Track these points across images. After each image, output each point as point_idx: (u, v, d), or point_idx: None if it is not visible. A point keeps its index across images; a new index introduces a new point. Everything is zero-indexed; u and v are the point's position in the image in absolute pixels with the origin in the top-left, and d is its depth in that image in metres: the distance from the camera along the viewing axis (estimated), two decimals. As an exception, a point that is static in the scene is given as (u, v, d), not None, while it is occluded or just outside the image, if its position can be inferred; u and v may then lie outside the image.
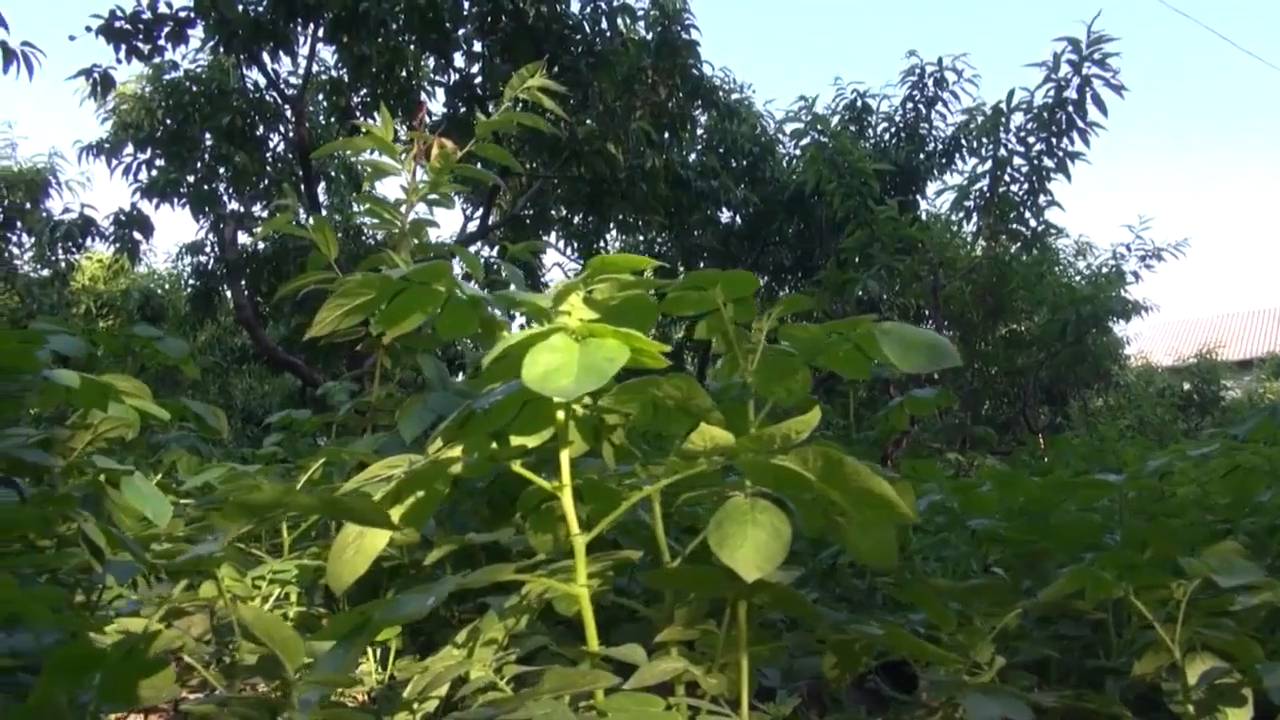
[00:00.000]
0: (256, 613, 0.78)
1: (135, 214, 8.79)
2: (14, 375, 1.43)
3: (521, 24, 6.36)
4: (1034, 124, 6.37)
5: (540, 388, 0.81)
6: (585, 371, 0.81)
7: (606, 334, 0.85)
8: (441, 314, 1.03)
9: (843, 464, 0.94)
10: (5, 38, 5.37)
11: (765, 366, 1.26)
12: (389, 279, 0.97)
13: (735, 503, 1.02)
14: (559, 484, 1.02)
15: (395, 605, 0.82)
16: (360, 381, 3.35)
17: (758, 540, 0.99)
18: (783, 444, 0.93)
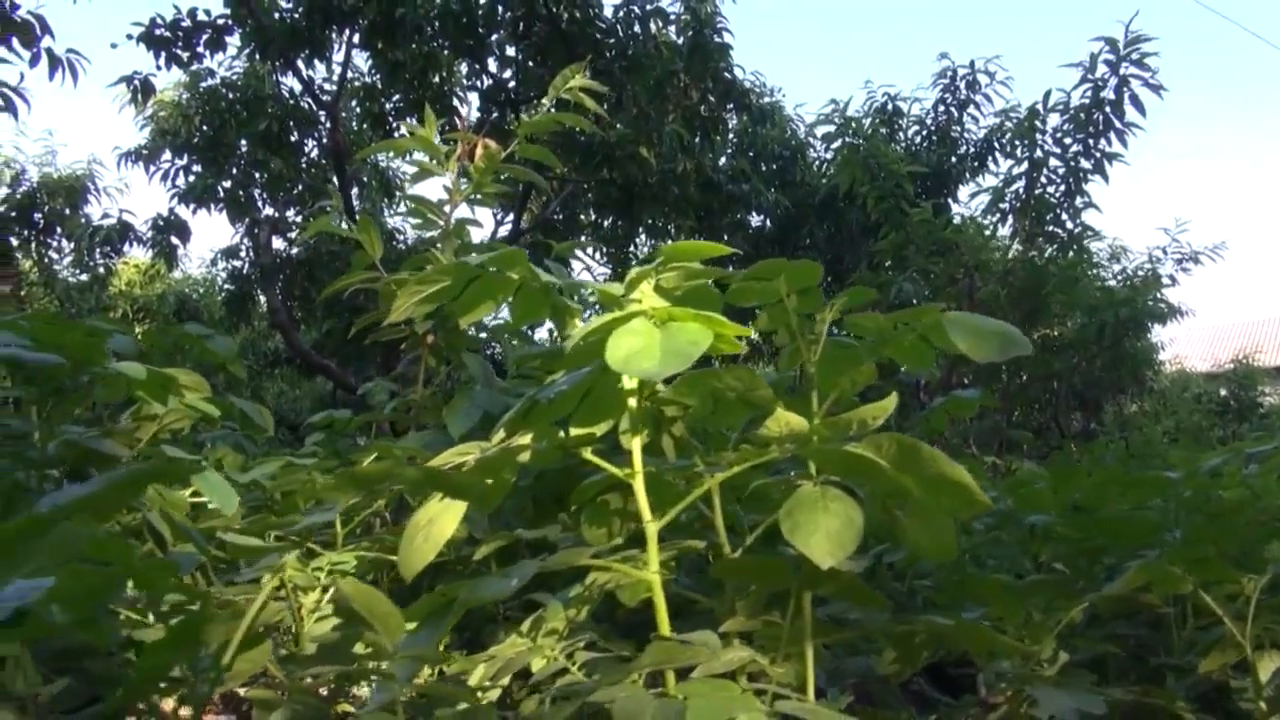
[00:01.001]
0: (356, 586, 0.79)
1: (173, 219, 8.92)
2: (83, 368, 1.46)
3: (555, 28, 6.39)
4: (1070, 125, 6.31)
5: (625, 369, 0.81)
6: (668, 355, 0.82)
7: (687, 318, 0.85)
8: (514, 301, 1.04)
9: (919, 450, 0.94)
10: (51, 45, 5.47)
11: (828, 358, 1.26)
12: (466, 265, 0.98)
13: (806, 491, 1.01)
14: (630, 471, 1.03)
15: (479, 586, 0.83)
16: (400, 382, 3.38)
17: (830, 528, 0.99)
18: (859, 430, 0.93)
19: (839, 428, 0.94)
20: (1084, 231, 6.73)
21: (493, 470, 1.08)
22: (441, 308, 2.86)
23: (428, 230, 2.81)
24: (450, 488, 0.85)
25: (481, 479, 0.90)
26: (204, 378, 1.78)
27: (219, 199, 8.91)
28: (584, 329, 0.87)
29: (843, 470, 1.05)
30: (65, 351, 1.43)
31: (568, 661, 0.97)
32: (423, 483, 0.87)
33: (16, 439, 1.55)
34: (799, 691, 1.17)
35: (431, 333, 2.64)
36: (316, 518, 0.97)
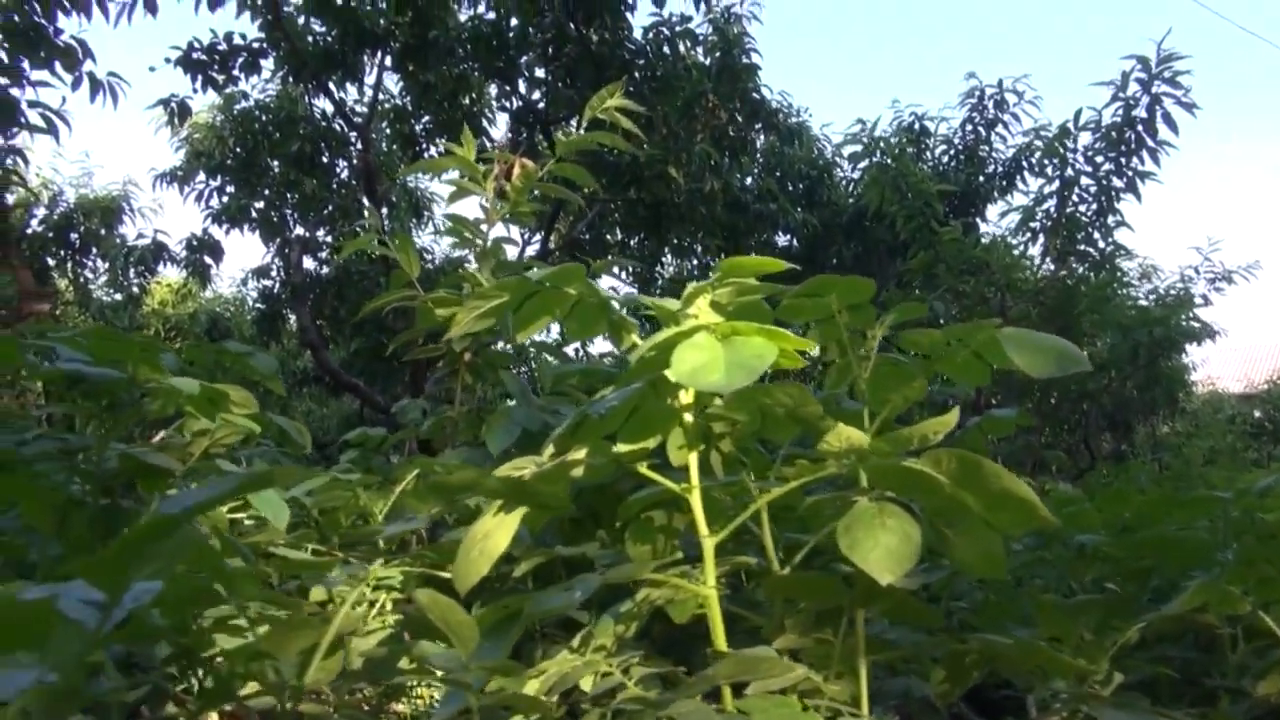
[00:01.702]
0: (433, 596, 0.79)
1: (206, 239, 9.05)
2: (139, 382, 1.48)
3: (585, 49, 6.45)
4: (1102, 143, 6.27)
5: (691, 382, 0.82)
6: (733, 368, 0.82)
7: (751, 332, 0.86)
8: (570, 316, 1.05)
9: (981, 466, 0.93)
10: (92, 68, 5.59)
11: (879, 374, 1.26)
12: (525, 281, 0.99)
13: (862, 507, 1.01)
14: (687, 486, 1.03)
15: (543, 599, 0.83)
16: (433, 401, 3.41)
17: (888, 544, 0.99)
18: (919, 444, 0.93)
19: (899, 442, 0.94)
20: (1116, 250, 6.68)
21: (549, 484, 1.09)
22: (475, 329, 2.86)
23: (464, 248, 2.84)
24: (531, 498, 0.86)
25: (556, 491, 0.90)
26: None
27: (252, 219, 9.03)
28: (648, 343, 0.88)
29: (899, 486, 1.05)
30: (122, 367, 1.46)
31: (624, 677, 0.97)
32: (504, 493, 0.87)
33: (70, 454, 1.57)
34: (853, 709, 1.16)
35: (469, 351, 2.66)
36: (398, 528, 0.98)
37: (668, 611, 1.30)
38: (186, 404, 1.62)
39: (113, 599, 0.36)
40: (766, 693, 0.96)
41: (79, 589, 0.36)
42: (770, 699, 0.92)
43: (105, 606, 0.36)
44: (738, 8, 7.88)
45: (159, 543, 0.37)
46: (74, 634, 0.34)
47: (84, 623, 0.35)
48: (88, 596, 0.36)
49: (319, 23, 7.54)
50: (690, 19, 7.02)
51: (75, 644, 0.34)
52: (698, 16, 7.13)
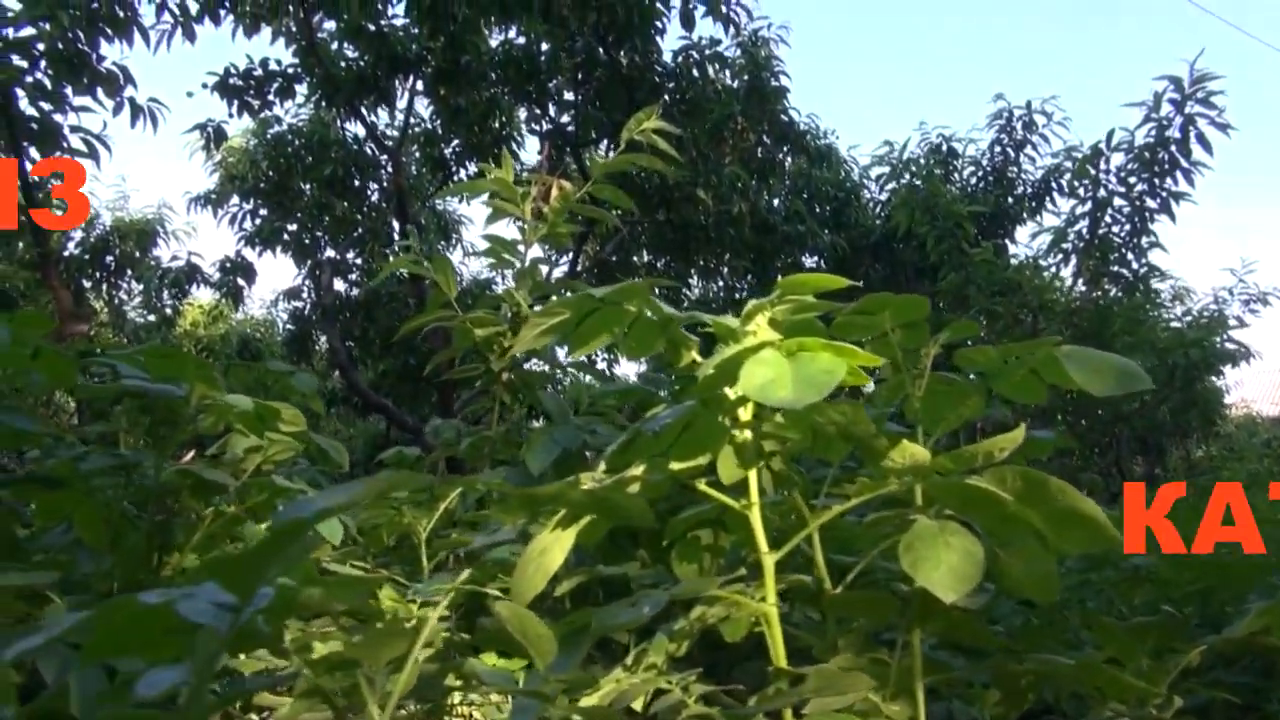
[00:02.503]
0: (512, 608, 0.80)
1: (240, 261, 9.18)
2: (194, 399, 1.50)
3: (615, 73, 6.51)
4: (1135, 164, 6.24)
5: (760, 398, 0.82)
6: (801, 384, 0.82)
7: (818, 348, 0.86)
8: (628, 333, 1.06)
9: (1047, 483, 0.93)
10: (133, 94, 5.71)
11: (932, 393, 1.25)
12: (588, 298, 1.00)
13: (924, 524, 1.01)
14: (747, 503, 1.03)
15: (612, 613, 0.83)
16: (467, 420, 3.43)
17: (951, 563, 0.98)
18: (984, 461, 0.93)
19: (962, 460, 0.94)
20: (1150, 272, 6.62)
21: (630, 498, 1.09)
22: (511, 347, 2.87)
23: (501, 269, 2.86)
24: (614, 511, 0.87)
25: (638, 504, 0.91)
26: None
27: (284, 242, 9.15)
28: (715, 358, 0.88)
29: (959, 503, 1.04)
30: (177, 384, 1.48)
31: (684, 695, 0.97)
32: (591, 507, 0.88)
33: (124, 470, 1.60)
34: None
35: (506, 370, 2.68)
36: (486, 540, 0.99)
37: (720, 630, 1.30)
38: (236, 421, 1.64)
39: (243, 601, 0.37)
40: (829, 712, 0.95)
41: (210, 592, 0.37)
42: (835, 717, 0.92)
43: (236, 610, 0.37)
44: (765, 31, 7.95)
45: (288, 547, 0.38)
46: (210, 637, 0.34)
47: (217, 626, 0.36)
48: (218, 599, 0.37)
49: (352, 48, 7.67)
50: (719, 42, 7.08)
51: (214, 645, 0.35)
52: (726, 39, 7.19)
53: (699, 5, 6.46)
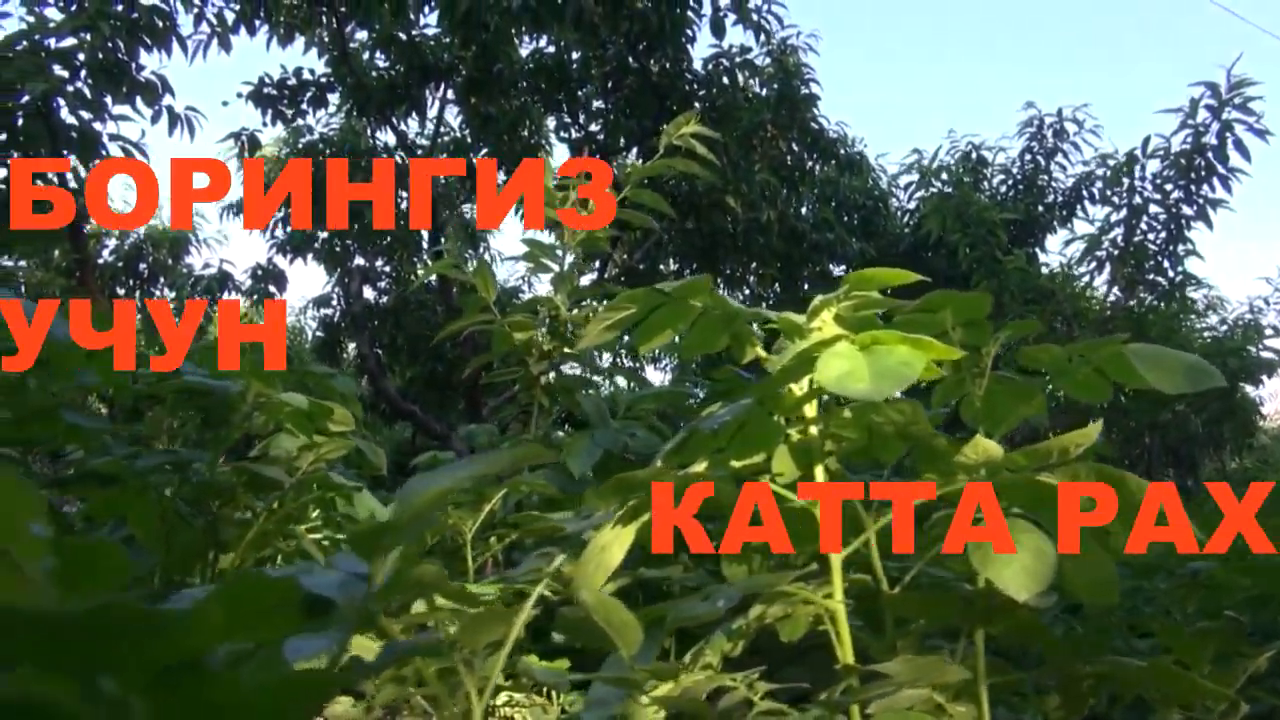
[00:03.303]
0: (598, 597, 0.80)
1: (271, 268, 9.27)
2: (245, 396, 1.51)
3: (646, 80, 6.53)
4: (1171, 170, 6.17)
5: (838, 390, 0.82)
6: (878, 376, 0.82)
7: (893, 341, 0.85)
8: (692, 329, 1.05)
9: (1124, 480, 0.91)
10: (171, 102, 5.79)
11: (993, 392, 1.24)
12: (654, 292, 1.00)
13: (993, 522, 1.00)
14: (814, 500, 1.02)
15: (687, 606, 0.83)
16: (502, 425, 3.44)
17: (1023, 561, 0.97)
18: (1059, 458, 0.92)
19: (1037, 456, 0.93)
20: (1186, 280, 6.54)
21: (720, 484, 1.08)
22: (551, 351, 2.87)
23: (539, 273, 2.87)
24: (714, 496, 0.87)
25: (726, 489, 0.91)
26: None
27: (316, 249, 9.23)
28: (792, 351, 0.88)
29: (1028, 501, 1.03)
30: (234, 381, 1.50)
31: (749, 692, 0.96)
32: (679, 489, 0.88)
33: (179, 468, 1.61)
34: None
35: (544, 374, 2.68)
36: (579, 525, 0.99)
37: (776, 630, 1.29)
38: (287, 420, 1.65)
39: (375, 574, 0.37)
40: (900, 710, 0.94)
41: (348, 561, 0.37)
42: (907, 715, 0.91)
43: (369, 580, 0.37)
44: (794, 39, 7.94)
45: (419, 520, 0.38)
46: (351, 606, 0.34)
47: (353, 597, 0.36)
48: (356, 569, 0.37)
49: (384, 58, 7.74)
50: (750, 49, 7.07)
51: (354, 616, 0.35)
52: (756, 48, 7.19)
53: (729, 13, 6.47)
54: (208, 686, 0.27)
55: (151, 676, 0.26)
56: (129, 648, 0.26)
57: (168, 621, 0.26)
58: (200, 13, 6.10)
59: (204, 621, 0.28)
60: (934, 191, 7.50)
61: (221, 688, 0.27)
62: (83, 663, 0.25)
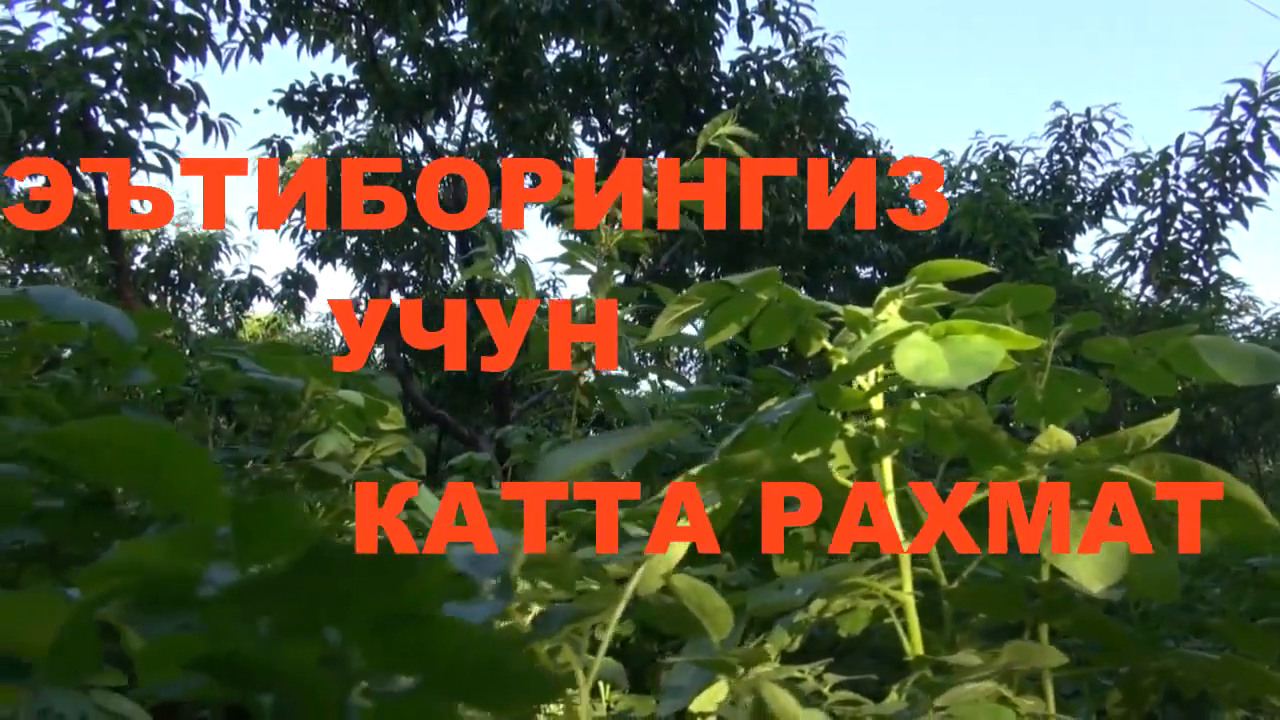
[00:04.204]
0: (689, 582, 0.80)
1: (301, 274, 9.35)
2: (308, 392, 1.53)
3: (674, 83, 6.54)
4: (1206, 169, 6.10)
5: (917, 378, 0.82)
6: (957, 365, 0.82)
7: (970, 331, 0.85)
8: (758, 321, 1.06)
9: (1200, 470, 0.91)
10: (205, 110, 5.86)
11: (1054, 385, 1.24)
12: (723, 285, 1.01)
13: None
14: (881, 493, 1.02)
15: (763, 594, 0.83)
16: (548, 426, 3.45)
17: (1094, 553, 0.97)
18: (1134, 448, 0.91)
19: (1111, 447, 0.92)
20: (1221, 280, 6.46)
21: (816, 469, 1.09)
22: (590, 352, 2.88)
23: (576, 274, 2.89)
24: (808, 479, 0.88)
25: (824, 474, 0.91)
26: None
27: (345, 254, 9.31)
28: (868, 341, 0.88)
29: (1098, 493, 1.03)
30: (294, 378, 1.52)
31: (819, 684, 0.96)
32: (781, 477, 0.89)
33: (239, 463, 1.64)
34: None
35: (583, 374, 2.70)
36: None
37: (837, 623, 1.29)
38: (338, 418, 1.67)
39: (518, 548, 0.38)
40: (972, 702, 0.94)
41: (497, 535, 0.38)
42: (984, 706, 0.91)
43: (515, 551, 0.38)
44: (819, 41, 7.93)
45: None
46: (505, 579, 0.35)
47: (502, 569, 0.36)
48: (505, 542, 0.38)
49: (411, 64, 7.80)
50: (778, 52, 7.07)
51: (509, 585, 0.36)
52: (784, 50, 7.18)
53: (756, 16, 6.47)
54: (430, 634, 0.28)
55: (374, 625, 0.27)
56: (356, 598, 0.27)
57: (395, 571, 0.27)
58: (234, 21, 6.17)
59: (429, 572, 0.29)
60: (963, 192, 7.45)
61: (446, 634, 0.28)
62: (313, 617, 0.26)
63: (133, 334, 1.38)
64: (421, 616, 0.28)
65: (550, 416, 9.65)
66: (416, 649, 0.28)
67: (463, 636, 0.28)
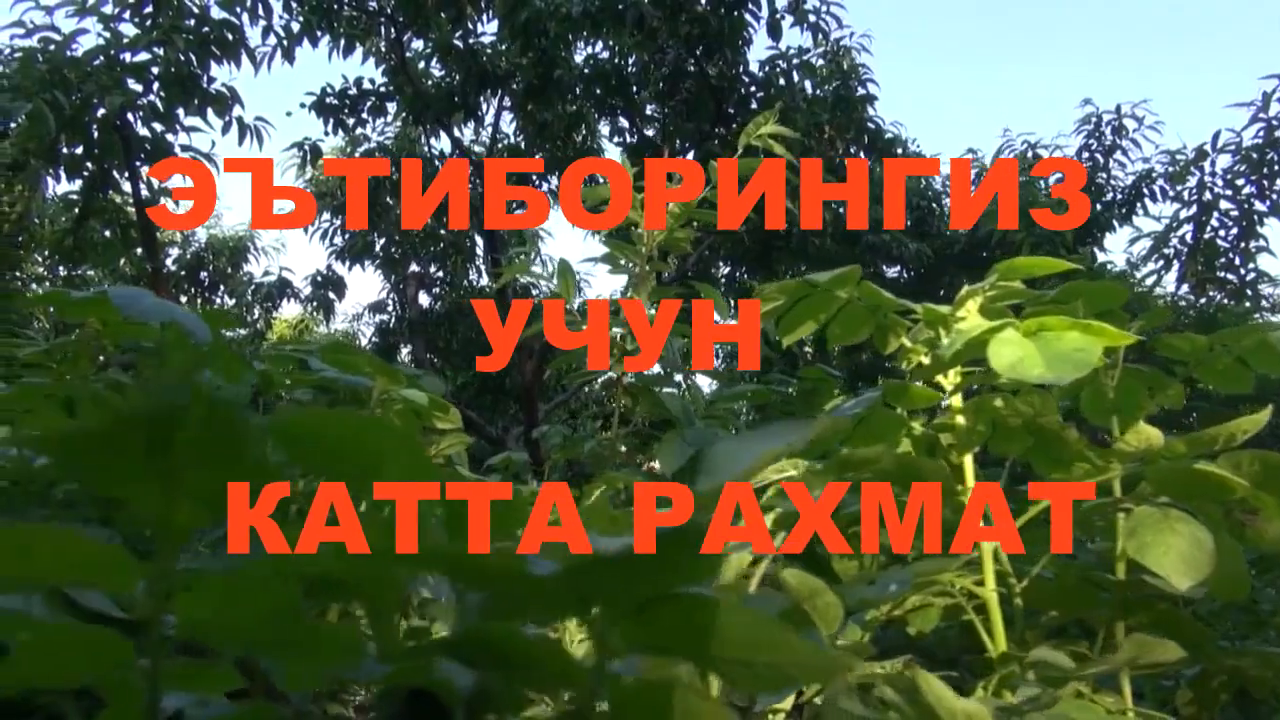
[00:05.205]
0: (800, 576, 0.81)
1: (330, 275, 9.44)
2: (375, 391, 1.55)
3: (704, 83, 6.55)
4: (1243, 165, 6.04)
5: (1013, 375, 0.83)
6: (1053, 361, 0.82)
7: (1062, 327, 0.85)
8: (835, 319, 1.06)
9: (1293, 467, 0.91)
10: (240, 113, 5.92)
11: (1126, 383, 1.23)
12: (805, 283, 1.01)
13: (1146, 511, 0.99)
14: (963, 489, 1.03)
15: (857, 591, 0.84)
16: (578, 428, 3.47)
17: (1181, 549, 0.96)
18: (1224, 445, 0.91)
19: (1199, 444, 0.92)
20: (1258, 277, 6.39)
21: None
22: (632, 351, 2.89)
23: (617, 274, 2.90)
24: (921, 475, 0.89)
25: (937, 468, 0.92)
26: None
27: (374, 255, 9.38)
28: (961, 337, 0.88)
29: (1180, 490, 1.02)
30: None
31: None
32: (899, 473, 0.90)
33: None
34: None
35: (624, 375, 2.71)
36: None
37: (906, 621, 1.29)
38: (397, 416, 1.69)
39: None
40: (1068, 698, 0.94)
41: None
42: (1074, 703, 0.91)
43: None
44: (847, 40, 7.90)
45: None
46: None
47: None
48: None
49: (439, 67, 7.85)
50: (807, 51, 7.06)
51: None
52: (813, 49, 7.17)
53: (786, 15, 6.47)
54: (685, 613, 0.29)
55: (634, 607, 0.28)
56: (623, 585, 0.28)
57: (652, 562, 0.28)
58: (268, 25, 6.23)
59: (700, 555, 0.30)
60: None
61: (700, 613, 0.29)
62: (583, 601, 0.27)
63: (206, 334, 1.40)
64: (690, 597, 0.29)
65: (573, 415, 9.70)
66: (682, 629, 0.29)
67: (737, 619, 0.29)
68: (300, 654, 0.32)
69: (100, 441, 0.27)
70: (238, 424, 0.29)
